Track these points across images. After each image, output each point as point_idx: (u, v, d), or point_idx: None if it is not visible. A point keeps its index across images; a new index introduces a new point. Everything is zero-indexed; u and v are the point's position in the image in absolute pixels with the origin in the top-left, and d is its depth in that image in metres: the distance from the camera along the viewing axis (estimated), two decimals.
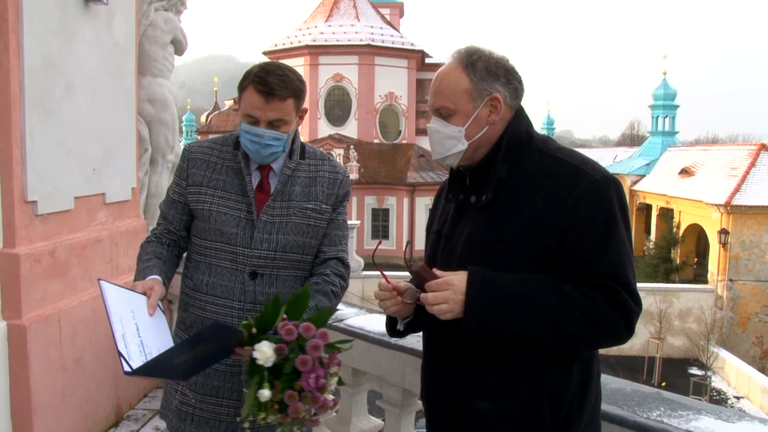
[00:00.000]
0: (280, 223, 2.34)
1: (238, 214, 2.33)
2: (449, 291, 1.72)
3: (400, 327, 2.07)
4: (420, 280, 1.82)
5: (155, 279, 2.24)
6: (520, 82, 1.90)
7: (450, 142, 1.87)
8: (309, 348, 1.90)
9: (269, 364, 1.88)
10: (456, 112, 1.86)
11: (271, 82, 2.21)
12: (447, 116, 1.87)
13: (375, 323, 3.16)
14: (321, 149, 2.59)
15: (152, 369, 1.86)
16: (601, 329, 1.71)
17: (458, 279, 1.73)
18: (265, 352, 1.87)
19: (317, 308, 2.23)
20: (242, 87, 2.28)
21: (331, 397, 1.95)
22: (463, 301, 1.71)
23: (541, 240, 1.73)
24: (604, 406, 2.07)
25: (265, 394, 1.85)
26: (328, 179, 2.47)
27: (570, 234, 1.72)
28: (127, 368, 1.81)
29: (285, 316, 1.98)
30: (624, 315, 1.71)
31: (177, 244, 2.48)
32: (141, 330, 2.00)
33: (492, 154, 1.87)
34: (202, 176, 2.38)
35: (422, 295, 1.78)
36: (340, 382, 2.05)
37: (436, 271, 1.77)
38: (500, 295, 1.71)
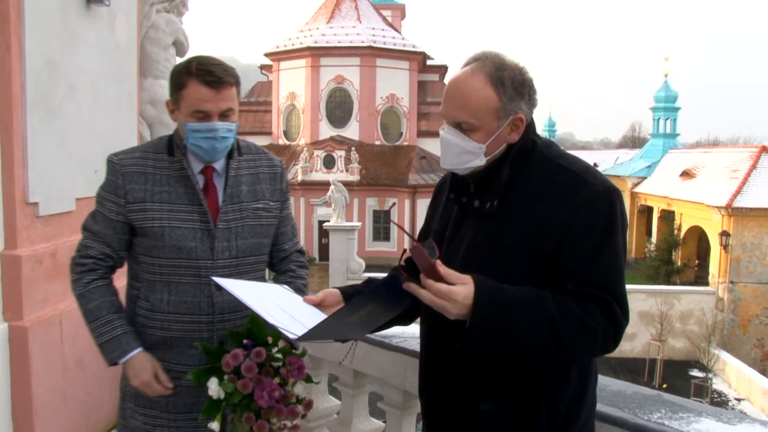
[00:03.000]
0: (237, 228, 2.27)
1: (192, 226, 2.20)
2: (450, 305, 1.63)
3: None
4: (424, 271, 1.65)
5: (149, 359, 2.21)
6: (536, 93, 1.87)
7: (467, 156, 1.83)
8: (243, 371, 1.94)
9: (223, 396, 1.95)
10: (479, 128, 1.80)
11: (215, 72, 2.14)
12: (468, 131, 1.81)
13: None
14: (251, 141, 2.48)
15: (323, 332, 1.83)
16: (596, 339, 1.71)
17: (462, 296, 1.62)
18: (213, 388, 1.96)
19: None
20: (180, 85, 2.16)
21: (301, 405, 2.01)
22: (466, 315, 1.64)
23: (539, 245, 1.74)
24: (605, 408, 2.07)
25: (215, 426, 1.96)
26: (269, 174, 2.41)
27: (566, 240, 1.72)
28: (292, 335, 1.74)
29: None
30: (614, 326, 1.71)
31: (114, 269, 2.31)
32: (284, 307, 1.94)
33: (498, 161, 1.86)
34: (143, 191, 2.21)
35: (422, 292, 1.64)
36: (309, 380, 2.11)
37: (440, 266, 1.64)
38: (506, 310, 1.65)
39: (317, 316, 1.93)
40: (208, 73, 2.13)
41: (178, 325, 2.24)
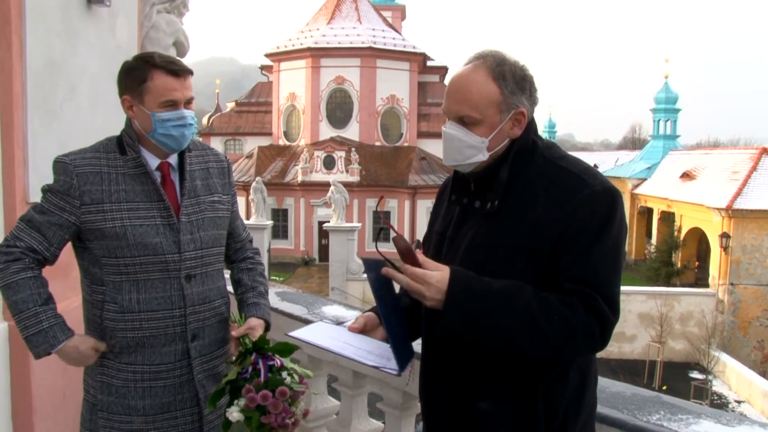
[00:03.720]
0: (197, 220, 2.29)
1: (153, 222, 2.21)
2: (424, 288, 1.71)
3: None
4: (402, 257, 1.77)
5: (82, 339, 2.23)
6: (536, 90, 1.89)
7: (470, 151, 1.84)
8: (271, 408, 2.08)
9: (243, 419, 2.11)
10: (482, 122, 1.82)
11: (177, 62, 2.22)
12: (470, 125, 1.83)
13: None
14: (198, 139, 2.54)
15: (407, 351, 2.05)
16: (579, 335, 1.70)
17: (436, 279, 1.71)
18: (235, 416, 2.09)
19: (265, 292, 2.53)
20: (142, 78, 2.18)
21: (300, 411, 2.16)
22: (441, 300, 1.70)
23: (537, 245, 1.74)
24: (604, 410, 2.07)
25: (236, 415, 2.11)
26: (218, 169, 2.45)
27: (563, 239, 1.72)
28: (396, 372, 1.97)
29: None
30: (600, 323, 1.70)
31: (42, 265, 2.27)
32: (352, 342, 2.11)
33: (499, 161, 1.87)
34: (100, 191, 2.19)
35: (398, 275, 1.75)
36: (307, 375, 2.26)
37: (418, 253, 1.75)
38: (482, 297, 1.70)
39: (372, 343, 2.11)
40: (172, 63, 2.19)
41: (151, 323, 2.23)
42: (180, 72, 2.19)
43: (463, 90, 1.83)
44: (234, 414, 2.09)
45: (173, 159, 2.33)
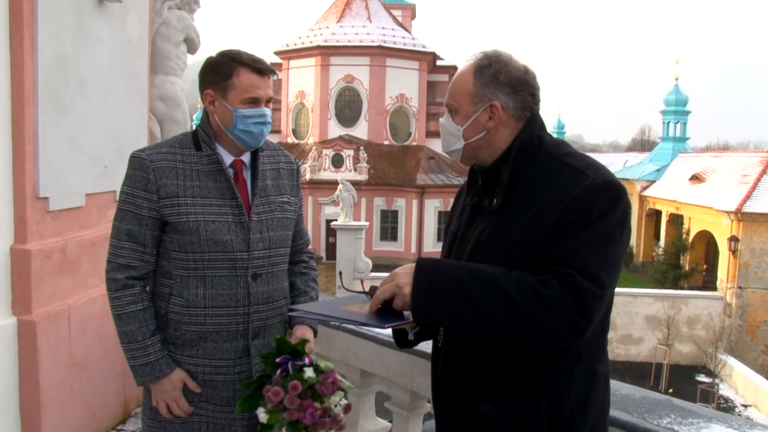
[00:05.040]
0: (267, 220, 2.32)
1: (226, 219, 2.23)
2: (393, 281, 1.79)
3: (411, 337, 2.08)
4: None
5: (175, 382, 2.26)
6: (533, 93, 1.92)
7: (451, 138, 1.97)
8: (287, 403, 2.10)
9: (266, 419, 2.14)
10: (459, 111, 1.94)
11: (262, 61, 2.25)
12: (452, 113, 1.97)
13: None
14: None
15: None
16: (551, 306, 1.63)
17: (404, 270, 1.80)
18: (262, 416, 2.13)
19: (315, 298, 2.53)
20: (227, 74, 2.21)
21: (340, 411, 2.18)
22: (411, 285, 1.76)
23: (535, 238, 1.74)
24: (614, 412, 2.06)
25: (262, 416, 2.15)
26: (287, 170, 2.47)
27: (555, 229, 1.72)
28: (380, 326, 1.91)
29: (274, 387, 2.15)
30: (576, 296, 1.63)
31: (147, 276, 2.31)
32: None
33: (503, 158, 1.90)
34: (175, 186, 2.22)
35: (376, 296, 1.83)
36: (344, 391, 2.23)
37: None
38: (447, 271, 1.76)
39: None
40: (259, 62, 2.24)
41: (214, 318, 2.26)
42: (265, 71, 2.25)
43: (452, 82, 1.98)
44: (261, 415, 2.13)
45: (246, 157, 2.35)
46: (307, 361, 2.20)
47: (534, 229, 1.74)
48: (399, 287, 1.77)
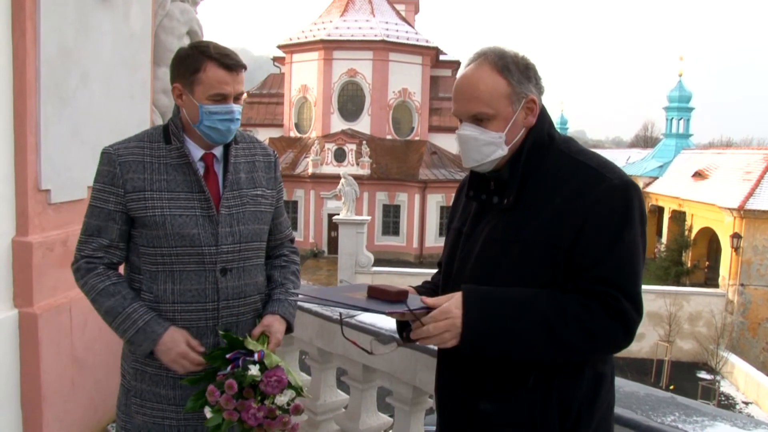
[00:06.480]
0: (238, 213, 2.27)
1: (193, 213, 2.20)
2: (449, 320, 1.72)
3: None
4: (412, 321, 1.78)
5: (176, 334, 2.19)
6: (541, 78, 1.90)
7: (489, 148, 1.83)
8: (223, 404, 2.02)
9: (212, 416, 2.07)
10: (495, 117, 1.82)
11: (232, 55, 2.18)
12: (485, 122, 1.82)
13: (387, 320, 3.13)
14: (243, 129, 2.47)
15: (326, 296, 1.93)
16: (599, 339, 1.71)
17: (454, 305, 1.73)
18: (209, 416, 2.05)
19: (293, 289, 2.41)
20: (195, 68, 2.16)
21: (289, 412, 2.07)
22: (461, 323, 1.71)
23: (555, 240, 1.73)
24: (617, 409, 2.04)
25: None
26: (264, 163, 2.42)
27: (582, 235, 1.71)
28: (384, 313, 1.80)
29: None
30: (623, 324, 1.70)
31: (114, 264, 2.28)
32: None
33: (515, 156, 1.86)
34: (142, 180, 2.19)
35: (420, 330, 1.75)
36: (296, 390, 2.13)
37: (426, 300, 1.76)
38: (498, 311, 1.72)
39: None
40: (227, 56, 2.17)
41: (184, 314, 2.22)
42: (234, 66, 2.17)
43: (471, 88, 1.83)
44: (208, 414, 2.06)
45: (218, 150, 2.31)
46: (255, 356, 2.12)
47: (553, 231, 1.73)
48: (453, 327, 1.72)
